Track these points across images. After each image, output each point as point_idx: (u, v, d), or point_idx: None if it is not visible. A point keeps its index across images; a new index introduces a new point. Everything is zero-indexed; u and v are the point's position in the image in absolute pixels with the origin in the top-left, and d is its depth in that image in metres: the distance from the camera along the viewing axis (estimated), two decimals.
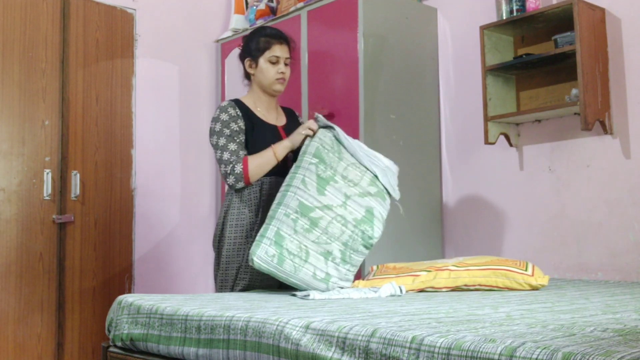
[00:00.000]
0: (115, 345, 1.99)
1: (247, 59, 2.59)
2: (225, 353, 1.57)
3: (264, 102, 2.61)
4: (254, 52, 2.56)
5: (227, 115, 2.48)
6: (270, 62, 2.54)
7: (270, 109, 2.63)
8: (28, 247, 3.43)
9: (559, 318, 1.48)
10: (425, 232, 3.59)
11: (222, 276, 2.48)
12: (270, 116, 2.61)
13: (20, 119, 3.47)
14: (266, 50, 2.54)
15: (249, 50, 2.58)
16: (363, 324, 1.36)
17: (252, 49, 2.57)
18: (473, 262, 2.41)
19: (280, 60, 2.55)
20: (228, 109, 2.49)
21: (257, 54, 2.55)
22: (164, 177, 4.05)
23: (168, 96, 4.13)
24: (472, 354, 1.10)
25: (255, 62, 2.57)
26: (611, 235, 3.00)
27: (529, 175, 3.32)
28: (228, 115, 2.48)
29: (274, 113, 2.64)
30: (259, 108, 2.58)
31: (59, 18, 3.63)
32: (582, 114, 2.87)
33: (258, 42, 2.56)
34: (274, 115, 2.63)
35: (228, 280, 2.47)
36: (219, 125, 2.47)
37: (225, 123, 2.46)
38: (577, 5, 2.90)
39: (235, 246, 2.46)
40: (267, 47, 2.54)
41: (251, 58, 2.57)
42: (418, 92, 3.65)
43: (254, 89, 2.61)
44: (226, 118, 2.47)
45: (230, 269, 2.46)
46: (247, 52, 2.59)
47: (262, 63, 2.55)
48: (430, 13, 3.75)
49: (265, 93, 2.60)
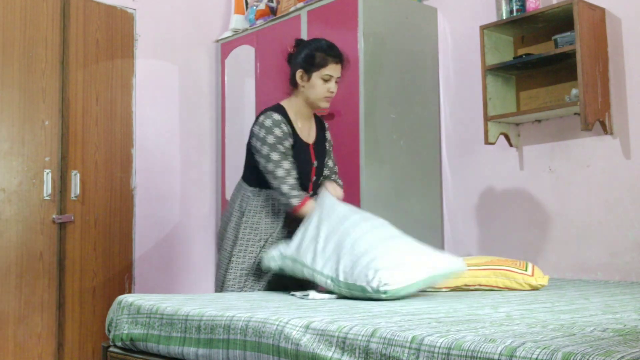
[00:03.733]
0: (115, 345, 1.99)
1: (299, 70, 2.53)
2: (225, 353, 1.57)
3: (304, 115, 2.60)
4: (309, 66, 2.51)
5: (281, 132, 2.46)
6: (322, 80, 2.52)
7: (307, 122, 2.63)
8: (28, 247, 3.43)
9: (559, 318, 1.48)
10: (425, 232, 3.59)
11: (231, 278, 2.49)
12: (305, 130, 2.61)
13: (20, 119, 3.47)
14: (322, 67, 2.50)
15: (304, 61, 2.53)
16: (363, 323, 1.36)
17: (307, 61, 2.52)
18: (473, 262, 2.41)
19: (332, 79, 2.53)
20: (282, 125, 2.47)
21: (311, 68, 2.51)
22: (164, 177, 4.05)
23: (168, 96, 4.13)
24: (472, 354, 1.10)
25: (307, 75, 2.52)
26: (611, 235, 3.00)
27: (529, 175, 3.32)
28: (282, 132, 2.47)
29: (308, 126, 2.63)
30: (299, 123, 2.57)
31: (59, 18, 3.63)
32: (582, 114, 2.88)
33: (314, 56, 2.51)
34: (308, 128, 2.63)
35: (235, 284, 2.48)
36: (271, 138, 2.45)
37: (279, 139, 2.45)
38: (577, 5, 2.90)
39: (249, 249, 2.49)
40: (323, 64, 2.50)
41: (304, 70, 2.53)
42: (418, 92, 3.65)
43: (298, 99, 2.58)
44: (280, 134, 2.46)
45: (240, 272, 2.48)
46: (302, 63, 2.53)
47: (315, 79, 2.51)
48: (430, 13, 3.75)
49: (307, 105, 2.59)
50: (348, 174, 3.39)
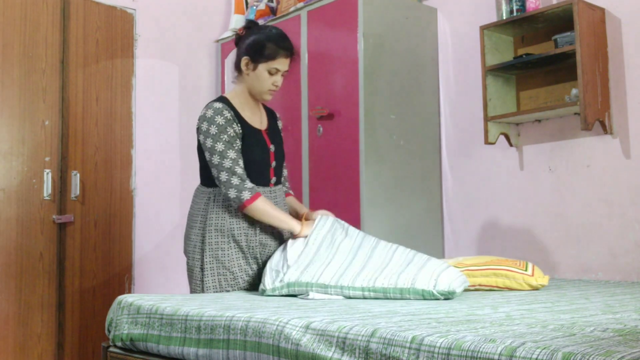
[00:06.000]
0: (115, 345, 1.98)
1: (246, 57, 2.39)
2: (225, 353, 1.57)
3: (251, 104, 2.49)
4: (257, 55, 2.37)
5: (223, 119, 2.34)
6: (269, 72, 2.39)
7: (255, 111, 2.52)
8: (28, 247, 3.43)
9: (559, 318, 1.48)
10: (425, 232, 3.59)
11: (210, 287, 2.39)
12: (255, 118, 2.49)
13: (20, 119, 3.47)
14: (270, 60, 2.37)
15: (252, 49, 2.38)
16: (363, 324, 1.36)
17: (254, 50, 2.38)
18: (473, 262, 2.41)
19: (279, 72, 2.40)
20: (223, 112, 2.35)
21: (259, 59, 2.37)
22: (164, 177, 4.05)
23: (168, 96, 4.13)
24: (472, 354, 1.10)
25: (254, 64, 2.39)
26: (611, 235, 3.00)
27: (529, 175, 3.32)
28: (224, 119, 2.35)
29: (258, 114, 2.52)
30: (246, 111, 2.46)
31: (59, 18, 3.63)
32: (582, 114, 2.88)
33: (265, 46, 2.37)
34: (258, 117, 2.52)
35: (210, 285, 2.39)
36: (214, 129, 2.33)
37: (221, 127, 2.33)
38: (577, 5, 2.90)
39: (219, 252, 2.38)
40: (273, 57, 2.37)
41: (250, 59, 2.39)
42: (418, 92, 3.65)
43: (243, 89, 2.47)
44: (222, 122, 2.34)
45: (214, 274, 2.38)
46: (249, 50, 2.39)
47: (261, 70, 2.38)
48: (430, 13, 3.75)
49: (252, 96, 2.48)
50: (348, 174, 3.39)
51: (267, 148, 2.48)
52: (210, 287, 2.40)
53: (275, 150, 2.52)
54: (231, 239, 2.39)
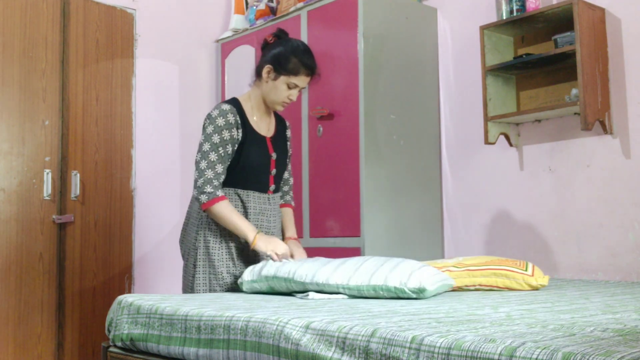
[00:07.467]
0: (115, 345, 1.98)
1: (268, 65, 2.43)
2: (225, 353, 1.57)
3: (262, 111, 2.53)
4: (279, 67, 2.42)
5: (224, 121, 2.38)
6: (287, 86, 2.44)
7: (265, 117, 2.55)
8: (28, 247, 3.43)
9: (559, 318, 1.48)
10: (425, 232, 3.59)
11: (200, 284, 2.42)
12: (263, 125, 2.53)
13: (20, 119, 3.47)
14: (292, 75, 2.41)
15: (275, 60, 2.43)
16: (363, 323, 1.36)
17: (279, 62, 2.42)
18: (473, 262, 2.40)
19: (297, 87, 2.46)
20: (228, 115, 2.39)
21: (281, 71, 2.42)
22: (164, 177, 4.05)
23: (168, 96, 4.13)
24: (472, 354, 1.10)
25: (275, 75, 2.43)
26: (611, 235, 3.00)
27: (529, 175, 3.32)
28: (225, 121, 2.38)
29: (266, 121, 2.56)
30: (255, 117, 2.50)
31: (59, 18, 3.63)
32: (582, 114, 2.88)
33: (289, 61, 2.41)
34: (266, 124, 2.55)
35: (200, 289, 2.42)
36: (211, 128, 2.38)
37: (218, 129, 2.37)
38: (577, 5, 2.90)
39: (210, 252, 2.42)
40: (295, 73, 2.42)
41: (273, 69, 2.43)
42: (418, 92, 3.65)
43: (257, 94, 2.51)
44: (222, 123, 2.38)
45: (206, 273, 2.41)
46: (274, 61, 2.43)
47: (280, 83, 2.43)
48: (430, 13, 3.75)
49: (264, 103, 2.52)
50: (348, 174, 3.39)
51: (268, 155, 2.50)
52: (200, 284, 2.43)
53: (277, 158, 2.54)
54: (223, 241, 2.43)
